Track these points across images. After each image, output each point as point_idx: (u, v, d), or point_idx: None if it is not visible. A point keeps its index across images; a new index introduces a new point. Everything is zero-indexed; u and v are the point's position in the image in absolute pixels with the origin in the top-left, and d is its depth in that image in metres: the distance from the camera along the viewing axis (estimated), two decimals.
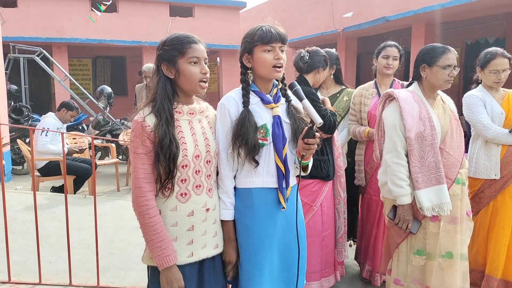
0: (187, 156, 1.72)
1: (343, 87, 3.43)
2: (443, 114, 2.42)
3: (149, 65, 5.68)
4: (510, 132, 2.85)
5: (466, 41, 10.47)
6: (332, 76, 3.37)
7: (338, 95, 3.36)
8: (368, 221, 3.29)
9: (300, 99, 1.79)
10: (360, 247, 3.41)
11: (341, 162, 3.13)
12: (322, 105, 2.91)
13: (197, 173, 1.77)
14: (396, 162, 2.38)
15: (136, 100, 6.06)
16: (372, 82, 3.34)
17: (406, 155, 2.38)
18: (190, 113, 1.79)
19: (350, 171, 3.38)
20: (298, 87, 1.82)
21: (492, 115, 2.93)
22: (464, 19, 9.26)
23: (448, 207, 2.32)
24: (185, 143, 1.73)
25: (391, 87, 3.25)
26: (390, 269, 2.54)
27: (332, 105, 3.23)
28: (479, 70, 3.03)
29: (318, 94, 3.12)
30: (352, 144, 3.50)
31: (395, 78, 3.34)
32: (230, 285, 2.00)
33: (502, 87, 3.05)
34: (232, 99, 1.87)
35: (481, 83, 3.06)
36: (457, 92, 9.20)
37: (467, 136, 3.11)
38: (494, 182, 2.94)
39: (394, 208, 2.44)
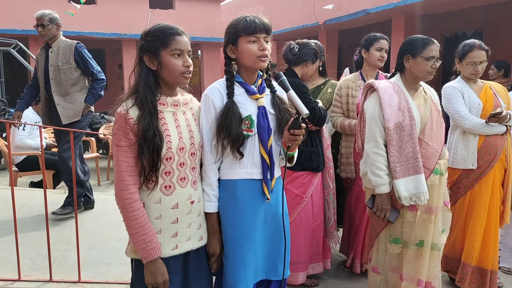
0: (171, 148, 1.71)
1: (327, 79, 3.43)
2: (423, 105, 2.45)
3: (42, 12, 4.07)
4: (486, 122, 2.91)
5: (445, 33, 10.63)
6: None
7: (322, 87, 3.36)
8: (357, 212, 3.32)
9: (286, 90, 1.79)
10: (347, 239, 3.44)
11: (329, 154, 3.19)
12: (311, 97, 2.93)
13: (182, 165, 1.75)
14: (375, 152, 2.41)
15: (36, 69, 4.29)
16: (357, 74, 3.34)
17: (386, 145, 2.41)
18: (174, 105, 1.78)
19: (334, 162, 3.40)
20: (284, 77, 1.81)
21: (469, 106, 2.99)
22: (443, 12, 9.40)
23: (425, 196, 2.36)
24: (169, 136, 1.71)
25: (376, 79, 3.27)
26: (371, 257, 2.59)
27: (317, 97, 3.24)
28: (457, 62, 3.08)
29: None
30: (336, 136, 3.52)
31: (379, 71, 3.36)
32: (215, 277, 2.01)
33: (480, 78, 3.11)
34: (216, 90, 1.85)
35: (459, 74, 3.12)
36: (436, 84, 9.33)
37: (446, 127, 3.17)
38: (471, 172, 3.01)
39: (373, 197, 2.47)
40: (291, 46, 3.07)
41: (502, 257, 3.41)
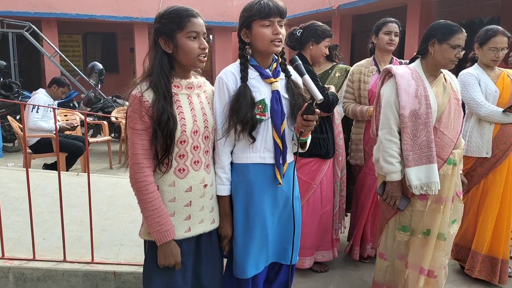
0: (185, 132, 1.71)
1: (334, 63, 3.37)
2: (442, 92, 2.40)
3: None
4: (503, 112, 2.86)
5: (461, 20, 10.41)
6: None
7: (330, 71, 3.29)
8: (359, 199, 3.31)
9: (301, 75, 1.77)
10: (353, 226, 3.41)
11: (340, 141, 3.13)
12: (319, 83, 2.89)
13: (196, 149, 1.76)
14: (389, 139, 2.39)
15: None
16: (370, 59, 3.28)
17: (400, 133, 2.38)
18: (188, 88, 1.77)
19: (345, 148, 3.37)
20: (299, 62, 1.79)
21: (486, 93, 2.94)
22: None
23: (436, 186, 2.33)
24: (184, 119, 1.71)
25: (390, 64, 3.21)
26: (379, 243, 2.59)
27: (325, 82, 3.20)
28: (477, 47, 3.02)
29: None
30: (347, 121, 3.48)
31: (393, 56, 3.29)
32: (226, 259, 2.03)
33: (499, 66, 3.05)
34: (230, 73, 1.85)
35: (476, 61, 3.06)
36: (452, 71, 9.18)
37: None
38: (486, 161, 2.97)
39: (384, 184, 2.46)
40: (293, 32, 3.03)
41: None
